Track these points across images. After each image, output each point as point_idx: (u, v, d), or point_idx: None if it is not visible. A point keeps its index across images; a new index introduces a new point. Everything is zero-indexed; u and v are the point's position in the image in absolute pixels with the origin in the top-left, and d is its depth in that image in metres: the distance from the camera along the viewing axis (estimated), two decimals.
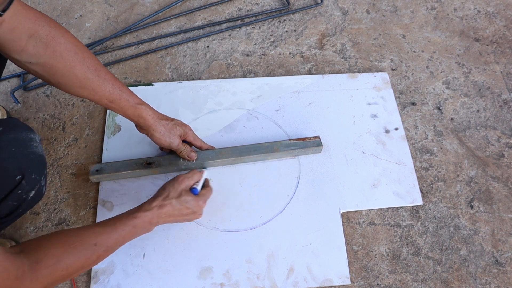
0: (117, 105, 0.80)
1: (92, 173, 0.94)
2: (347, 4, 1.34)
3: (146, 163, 0.95)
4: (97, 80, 0.76)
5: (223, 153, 0.97)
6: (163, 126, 0.86)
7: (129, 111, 0.82)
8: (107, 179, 0.97)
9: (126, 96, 0.80)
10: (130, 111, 0.82)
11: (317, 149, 1.01)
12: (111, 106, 0.80)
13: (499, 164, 1.05)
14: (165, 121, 0.87)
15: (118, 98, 0.79)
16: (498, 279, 0.91)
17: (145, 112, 0.83)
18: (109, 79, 0.78)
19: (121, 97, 0.79)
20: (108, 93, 0.78)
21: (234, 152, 0.98)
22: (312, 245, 0.91)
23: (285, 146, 0.99)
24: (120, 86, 0.79)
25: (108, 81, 0.77)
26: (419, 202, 0.98)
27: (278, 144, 0.99)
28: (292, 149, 0.99)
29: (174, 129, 0.88)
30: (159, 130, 0.86)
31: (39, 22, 0.69)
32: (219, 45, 1.23)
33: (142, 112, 0.83)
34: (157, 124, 0.85)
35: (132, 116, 0.83)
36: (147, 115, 0.83)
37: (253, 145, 0.99)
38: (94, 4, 1.32)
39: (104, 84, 0.77)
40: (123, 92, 0.80)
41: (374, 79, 1.16)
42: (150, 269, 0.87)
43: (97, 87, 0.76)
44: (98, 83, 0.76)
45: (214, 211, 0.94)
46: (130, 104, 0.81)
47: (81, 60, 0.74)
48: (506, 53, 1.24)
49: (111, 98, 0.79)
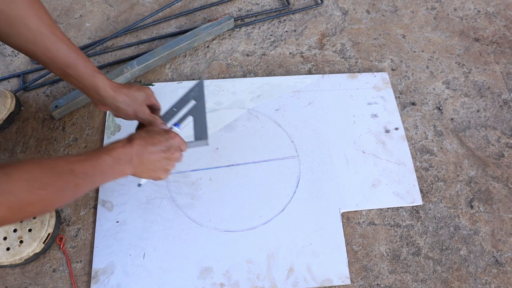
0: (73, 71, 0.71)
1: (52, 110, 1.03)
2: (347, 4, 1.34)
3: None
4: (52, 37, 0.68)
5: (156, 52, 1.13)
6: (124, 94, 0.77)
7: (86, 80, 0.73)
8: (69, 110, 1.06)
9: (84, 62, 0.72)
10: (88, 80, 0.73)
11: (229, 23, 1.21)
12: (67, 73, 0.71)
13: (499, 164, 1.05)
14: (126, 89, 0.78)
15: (75, 63, 0.70)
16: (498, 279, 0.91)
17: (104, 82, 0.74)
18: (65, 41, 0.69)
19: (78, 62, 0.71)
20: (63, 55, 0.69)
21: (165, 49, 1.14)
22: (312, 245, 0.91)
23: (203, 29, 1.18)
24: (77, 51, 0.71)
25: (64, 42, 0.69)
26: (419, 202, 0.98)
27: (197, 30, 1.19)
28: (210, 29, 1.18)
29: (136, 95, 0.79)
30: (121, 100, 0.76)
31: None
32: (219, 45, 1.23)
33: (101, 82, 0.74)
34: (118, 94, 0.76)
35: (90, 86, 0.74)
36: (106, 85, 0.75)
37: (179, 38, 1.17)
38: (94, 4, 1.32)
39: (60, 44, 0.69)
40: (80, 56, 0.71)
41: (374, 79, 1.16)
42: (150, 269, 0.87)
43: (52, 46, 0.68)
44: (52, 41, 0.68)
45: (214, 211, 0.94)
46: (88, 72, 0.72)
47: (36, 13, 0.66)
48: (506, 53, 1.24)
49: (67, 62, 0.70)
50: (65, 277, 0.88)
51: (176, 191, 0.96)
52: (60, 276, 0.88)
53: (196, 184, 0.97)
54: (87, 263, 0.89)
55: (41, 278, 0.88)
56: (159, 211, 0.93)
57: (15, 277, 0.88)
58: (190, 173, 0.98)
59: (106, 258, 0.88)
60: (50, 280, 0.88)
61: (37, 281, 0.87)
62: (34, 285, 0.87)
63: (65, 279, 0.88)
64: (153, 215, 0.93)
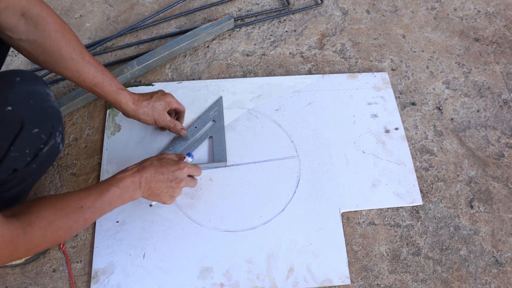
0: (99, 89, 0.84)
1: None
2: (347, 4, 1.34)
3: None
4: (82, 62, 0.79)
5: (156, 52, 1.13)
6: (145, 107, 0.91)
7: (111, 96, 0.86)
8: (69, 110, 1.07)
9: (109, 81, 0.84)
10: (112, 96, 0.86)
11: (229, 23, 1.21)
12: (94, 90, 0.84)
13: (499, 164, 1.05)
14: (146, 101, 0.91)
15: (101, 82, 0.83)
16: (498, 279, 0.91)
17: (126, 98, 0.87)
18: (93, 63, 0.81)
19: (104, 82, 0.83)
20: (91, 76, 0.81)
21: (165, 49, 1.14)
22: (312, 245, 0.91)
23: (203, 29, 1.18)
24: (103, 71, 0.83)
25: (92, 65, 0.81)
26: (419, 202, 0.98)
27: (197, 30, 1.18)
28: (210, 29, 1.18)
29: (156, 106, 0.92)
30: (142, 112, 0.91)
31: (31, 1, 0.72)
32: (219, 45, 1.23)
33: (123, 98, 0.87)
34: (139, 107, 0.90)
35: (113, 101, 0.87)
36: (127, 100, 0.88)
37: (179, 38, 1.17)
38: (94, 4, 1.32)
39: (88, 67, 0.80)
40: (106, 76, 0.83)
41: (374, 79, 1.16)
42: (150, 269, 0.87)
43: (82, 69, 0.80)
44: (82, 65, 0.79)
45: (214, 211, 0.94)
46: (112, 89, 0.85)
47: (67, 42, 0.77)
48: (506, 53, 1.24)
49: (94, 81, 0.82)
50: (65, 277, 0.88)
51: None
52: (60, 276, 0.88)
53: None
54: (87, 263, 0.89)
55: (41, 278, 0.88)
56: (159, 211, 0.93)
57: (15, 277, 0.88)
58: None
59: (106, 258, 0.88)
60: (50, 280, 0.88)
61: (37, 281, 0.87)
62: (34, 285, 0.87)
63: (65, 279, 0.88)
64: (153, 215, 0.93)
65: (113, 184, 0.75)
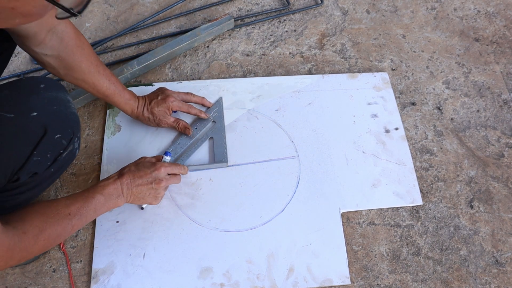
0: (111, 99, 0.92)
1: None
2: (347, 4, 1.34)
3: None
4: (97, 75, 0.87)
5: (157, 52, 1.14)
6: (145, 114, 0.98)
7: (120, 106, 0.95)
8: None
9: (120, 92, 0.92)
10: (121, 106, 0.95)
11: (229, 23, 1.21)
12: (106, 99, 0.93)
13: (499, 164, 1.05)
14: (147, 110, 0.98)
15: (113, 93, 0.91)
16: (498, 279, 0.91)
17: (132, 107, 0.96)
18: (106, 75, 0.88)
19: (115, 93, 0.91)
20: (105, 87, 0.89)
21: (165, 49, 1.15)
22: (312, 245, 0.91)
23: (203, 29, 1.18)
24: (115, 82, 0.91)
25: (106, 77, 0.88)
26: (419, 202, 0.98)
27: (198, 30, 1.18)
28: (210, 29, 1.17)
29: (156, 112, 0.98)
30: (146, 118, 0.98)
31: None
32: (219, 45, 1.23)
33: (129, 107, 0.96)
34: (141, 116, 0.98)
35: (124, 110, 0.97)
36: (133, 110, 0.97)
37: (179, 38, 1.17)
38: (94, 4, 1.32)
39: (103, 79, 0.88)
40: (117, 88, 0.91)
41: (374, 79, 1.16)
42: (150, 269, 0.87)
43: (97, 82, 0.87)
44: (97, 78, 0.87)
45: (214, 211, 0.94)
46: (122, 100, 0.94)
47: (86, 56, 0.83)
48: (506, 53, 1.24)
49: (107, 92, 0.90)
50: (65, 277, 0.88)
51: (176, 191, 0.96)
52: (60, 276, 0.88)
53: (196, 184, 0.97)
54: (87, 263, 0.89)
55: (41, 278, 0.88)
56: (159, 211, 0.93)
57: (15, 277, 0.88)
58: (190, 173, 0.98)
59: (106, 258, 0.88)
60: (50, 280, 0.88)
61: (37, 281, 0.87)
62: (34, 285, 0.87)
63: (65, 279, 0.88)
64: (153, 215, 0.93)
65: (97, 191, 0.78)
